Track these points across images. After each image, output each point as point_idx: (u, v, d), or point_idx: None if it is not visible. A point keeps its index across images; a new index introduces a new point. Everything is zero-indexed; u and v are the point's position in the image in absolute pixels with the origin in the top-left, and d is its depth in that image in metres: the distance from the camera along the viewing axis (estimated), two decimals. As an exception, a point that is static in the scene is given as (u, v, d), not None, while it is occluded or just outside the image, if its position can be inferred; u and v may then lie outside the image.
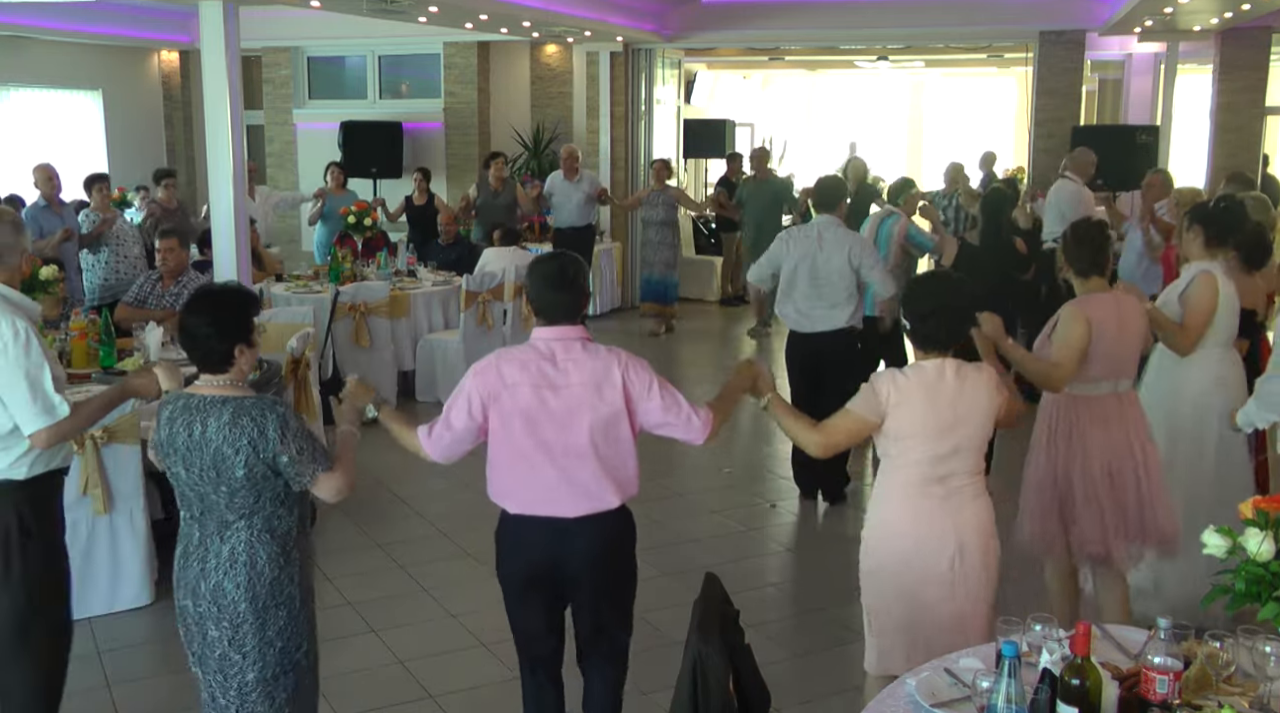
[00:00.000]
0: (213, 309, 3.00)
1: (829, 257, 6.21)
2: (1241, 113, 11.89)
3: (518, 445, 3.28)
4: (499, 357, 3.31)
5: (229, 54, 6.97)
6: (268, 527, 3.00)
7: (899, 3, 12.19)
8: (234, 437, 2.90)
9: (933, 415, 3.27)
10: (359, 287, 8.56)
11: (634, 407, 3.28)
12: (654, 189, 11.34)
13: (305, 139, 13.79)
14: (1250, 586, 2.46)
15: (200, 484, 2.95)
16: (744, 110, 19.01)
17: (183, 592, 3.04)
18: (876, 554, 3.42)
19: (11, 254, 3.40)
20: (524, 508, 3.33)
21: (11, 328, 3.31)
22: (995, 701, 2.30)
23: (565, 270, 3.30)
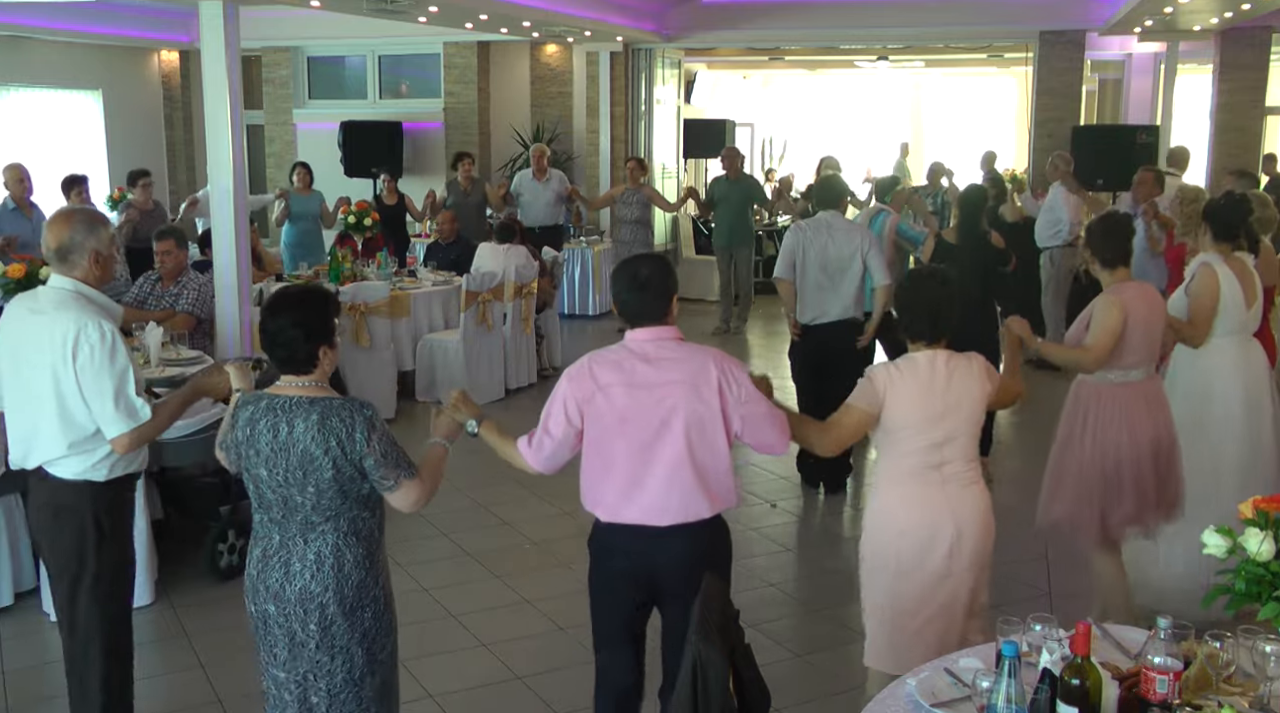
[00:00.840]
0: (298, 310, 2.97)
1: (840, 246, 6.47)
2: (1241, 113, 11.90)
3: (611, 449, 3.18)
4: (591, 359, 3.25)
5: (229, 54, 6.97)
6: (353, 529, 2.98)
7: (899, 3, 12.20)
8: (323, 438, 2.87)
9: (925, 404, 3.37)
10: (359, 287, 8.56)
11: (729, 409, 3.19)
12: (627, 188, 11.31)
13: (305, 139, 13.79)
14: (1250, 586, 2.46)
15: (284, 486, 2.92)
16: (744, 110, 19.01)
17: (263, 596, 2.99)
18: (876, 541, 3.48)
19: (81, 254, 3.37)
20: (615, 516, 3.23)
21: (98, 331, 3.30)
22: (995, 701, 2.30)
23: (639, 274, 3.23)
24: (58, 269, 3.39)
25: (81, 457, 3.36)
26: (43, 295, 3.42)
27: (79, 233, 3.36)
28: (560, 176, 11.58)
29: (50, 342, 3.30)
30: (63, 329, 3.29)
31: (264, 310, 3.02)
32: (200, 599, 5.20)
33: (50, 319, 3.32)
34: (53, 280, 3.40)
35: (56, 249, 3.36)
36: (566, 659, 4.67)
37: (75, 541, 3.40)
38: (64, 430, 3.33)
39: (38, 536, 3.53)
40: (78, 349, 3.28)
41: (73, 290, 3.37)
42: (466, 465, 7.05)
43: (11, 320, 3.46)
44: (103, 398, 3.30)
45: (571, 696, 4.36)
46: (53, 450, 3.36)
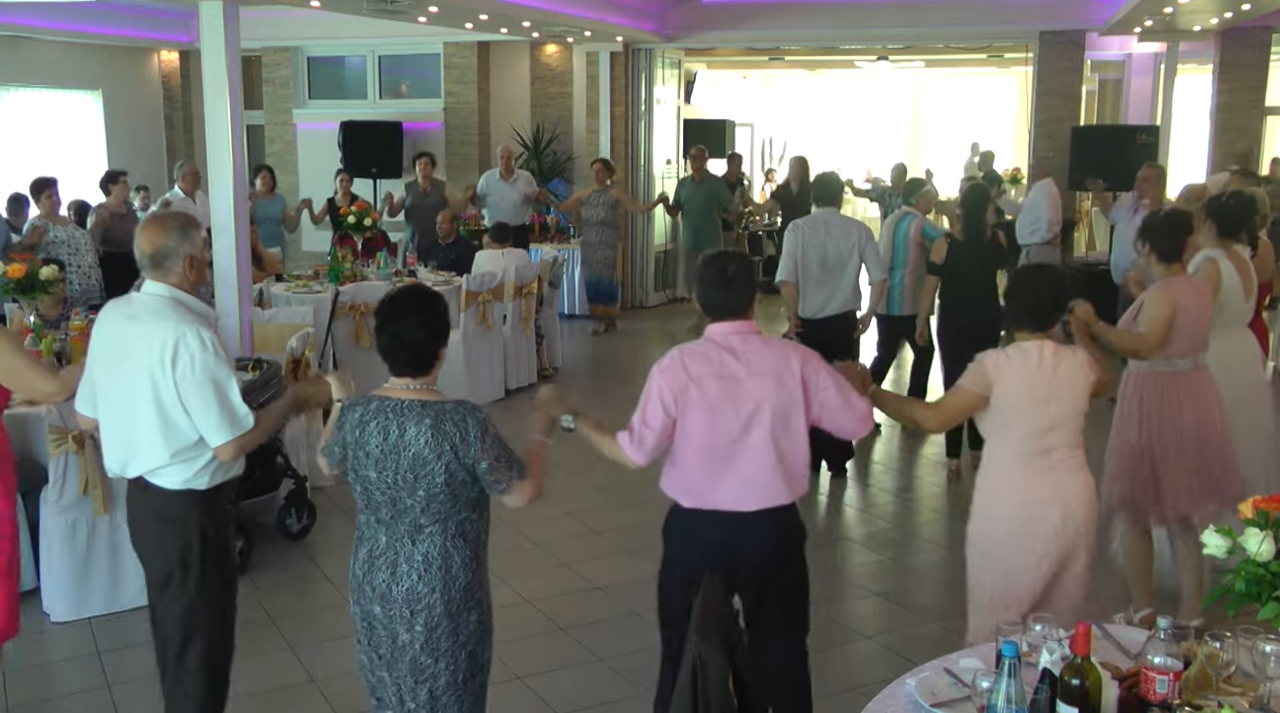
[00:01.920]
0: (425, 311, 2.96)
1: (838, 242, 6.71)
2: (1241, 113, 11.89)
3: (702, 438, 3.29)
4: (681, 352, 3.34)
5: (229, 54, 6.97)
6: (460, 531, 2.97)
7: (899, 3, 12.19)
8: (437, 442, 2.87)
9: (1032, 389, 3.53)
10: (359, 287, 8.56)
11: (810, 397, 3.32)
12: (595, 190, 11.29)
13: (305, 139, 13.80)
14: (1250, 586, 2.46)
15: (394, 488, 2.91)
16: (744, 110, 19.00)
17: (368, 596, 2.99)
18: (985, 523, 3.64)
19: (176, 259, 3.30)
20: (700, 502, 3.33)
21: (198, 338, 3.24)
22: (995, 701, 2.30)
23: (725, 270, 3.33)
24: (152, 276, 3.32)
25: (184, 466, 3.31)
26: (138, 302, 3.36)
27: (173, 238, 3.29)
28: (527, 177, 11.54)
29: (148, 350, 3.23)
30: (161, 338, 3.22)
31: (386, 312, 2.97)
32: (200, 599, 5.20)
33: (148, 328, 3.26)
34: (148, 287, 3.34)
35: (151, 256, 3.29)
36: (566, 659, 4.67)
37: (180, 549, 3.36)
38: (166, 440, 3.27)
39: (139, 544, 3.44)
40: (177, 358, 3.22)
41: (169, 297, 3.31)
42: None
43: (107, 327, 3.39)
44: (205, 407, 3.25)
45: (572, 696, 4.37)
46: (155, 460, 3.30)
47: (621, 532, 6.20)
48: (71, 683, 4.52)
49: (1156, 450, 4.68)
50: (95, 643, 4.78)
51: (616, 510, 6.50)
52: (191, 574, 3.37)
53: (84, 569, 4.97)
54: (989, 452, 3.70)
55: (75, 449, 4.82)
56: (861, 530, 6.26)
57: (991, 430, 3.65)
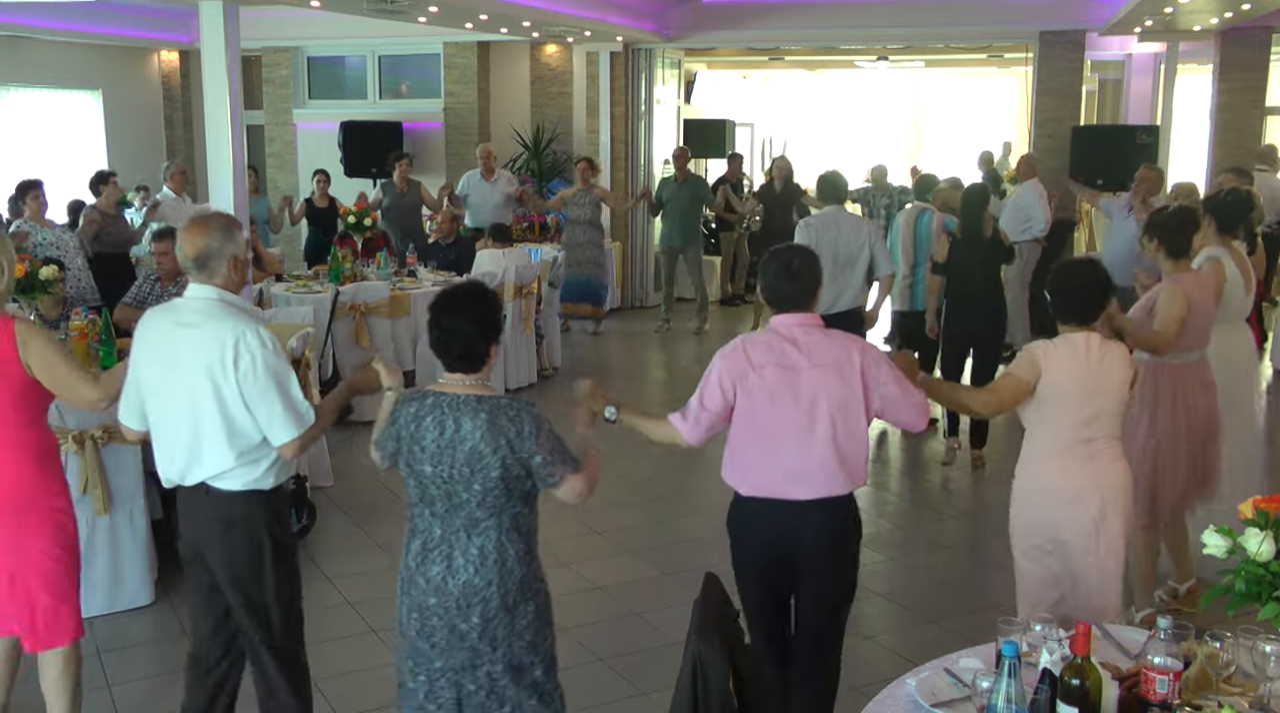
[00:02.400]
0: (476, 308, 3.00)
1: (848, 239, 6.93)
2: (1241, 113, 11.89)
3: (762, 426, 3.37)
4: (744, 341, 3.43)
5: (229, 54, 6.97)
6: (514, 525, 3.02)
7: (899, 3, 12.19)
8: (492, 436, 2.92)
9: (1079, 379, 3.62)
10: (359, 287, 8.56)
11: (870, 390, 3.38)
12: (579, 189, 11.24)
13: (305, 139, 13.79)
14: (1250, 586, 2.46)
15: (449, 482, 2.96)
16: (744, 110, 19.00)
17: (422, 589, 3.02)
18: (1027, 510, 3.74)
19: (221, 261, 3.27)
20: (758, 490, 3.41)
21: (257, 338, 3.23)
22: (995, 701, 2.30)
23: (792, 263, 3.43)
24: (197, 278, 3.29)
25: (249, 467, 3.30)
26: (184, 307, 3.31)
27: (217, 239, 3.26)
28: (509, 177, 11.48)
29: (206, 353, 3.21)
30: (219, 339, 3.20)
31: (439, 309, 3.01)
32: (200, 599, 5.20)
33: (204, 331, 3.23)
34: (193, 290, 3.30)
35: (195, 257, 3.26)
36: (566, 659, 4.65)
37: (251, 552, 3.35)
38: (230, 442, 3.25)
39: (203, 550, 3.38)
40: (239, 358, 3.20)
41: (217, 299, 3.28)
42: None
43: (154, 336, 3.34)
44: (269, 405, 3.23)
45: (572, 696, 4.35)
46: (220, 464, 3.28)
47: (621, 532, 6.20)
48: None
49: (1165, 441, 4.80)
50: (95, 643, 4.78)
51: (616, 511, 6.50)
52: (266, 575, 3.38)
53: (84, 569, 4.89)
54: (1030, 441, 3.78)
55: (75, 449, 4.82)
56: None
57: (1035, 420, 3.72)
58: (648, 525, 6.17)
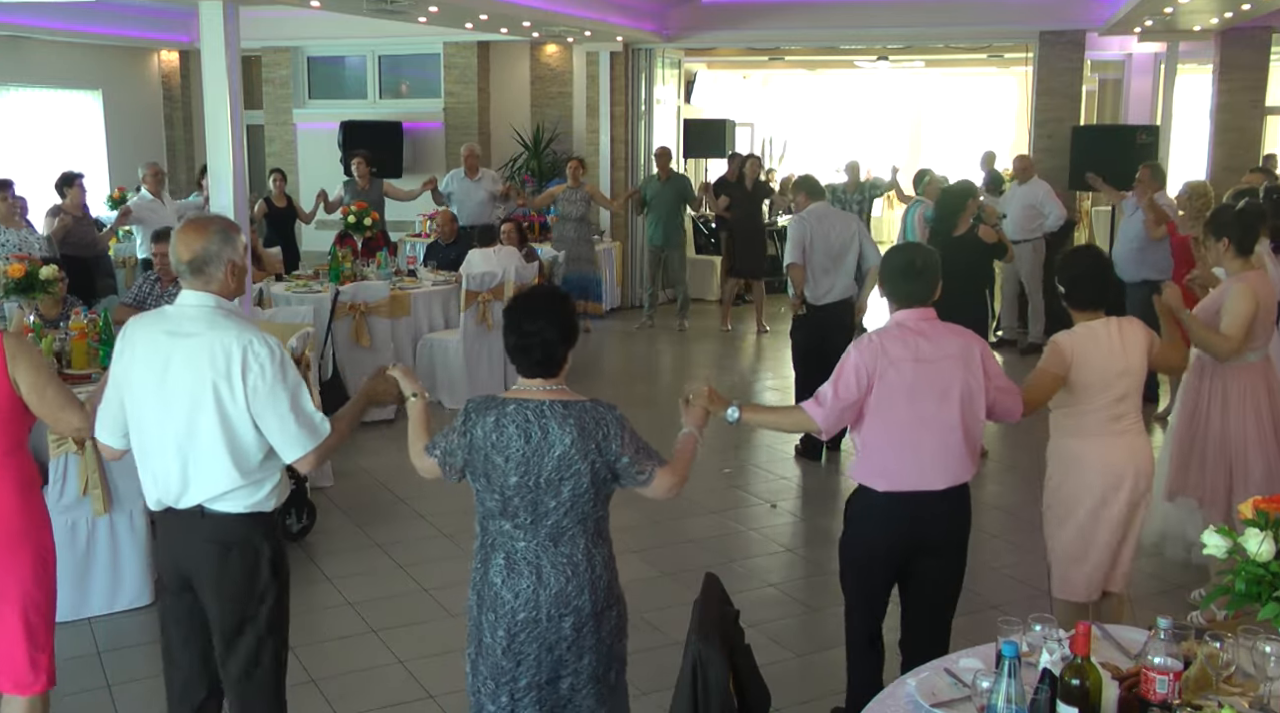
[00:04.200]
0: (553, 313, 2.96)
1: (840, 233, 7.32)
2: (1241, 113, 11.89)
3: (899, 420, 3.47)
4: (879, 335, 3.54)
5: (229, 54, 6.97)
6: (598, 531, 3.00)
7: (899, 3, 12.20)
8: (582, 440, 2.86)
9: (1107, 364, 3.84)
10: (359, 287, 8.56)
11: (989, 381, 3.55)
12: (568, 187, 11.23)
13: (305, 139, 13.80)
14: (1250, 586, 2.46)
15: (536, 490, 2.87)
16: (744, 110, 18.99)
17: (511, 606, 2.92)
18: (1067, 488, 3.95)
19: (218, 266, 3.04)
20: (896, 484, 3.51)
21: (265, 346, 3.01)
22: (995, 701, 2.30)
23: (914, 262, 3.58)
24: (190, 284, 3.05)
25: (253, 488, 3.07)
26: (176, 316, 3.07)
27: (215, 243, 3.03)
28: (493, 176, 11.44)
29: (211, 364, 2.98)
30: (224, 349, 2.98)
31: (517, 314, 2.96)
32: (200, 599, 5.20)
33: (203, 341, 2.99)
34: (188, 297, 3.06)
35: (190, 262, 3.02)
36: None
37: (249, 577, 3.11)
38: (234, 460, 3.03)
39: (193, 577, 3.12)
40: (246, 369, 2.97)
41: (214, 306, 3.05)
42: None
43: (142, 347, 3.08)
44: (281, 418, 3.02)
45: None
46: (221, 484, 3.04)
47: (621, 532, 6.14)
48: (71, 683, 4.51)
49: (1237, 444, 4.83)
50: (95, 643, 4.78)
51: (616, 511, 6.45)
52: (266, 602, 3.16)
53: (84, 569, 4.97)
54: (1062, 423, 3.98)
55: (75, 449, 4.82)
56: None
57: (1067, 405, 3.92)
58: (648, 526, 6.16)
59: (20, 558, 3.23)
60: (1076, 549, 3.96)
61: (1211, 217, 5.02)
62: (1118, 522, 3.93)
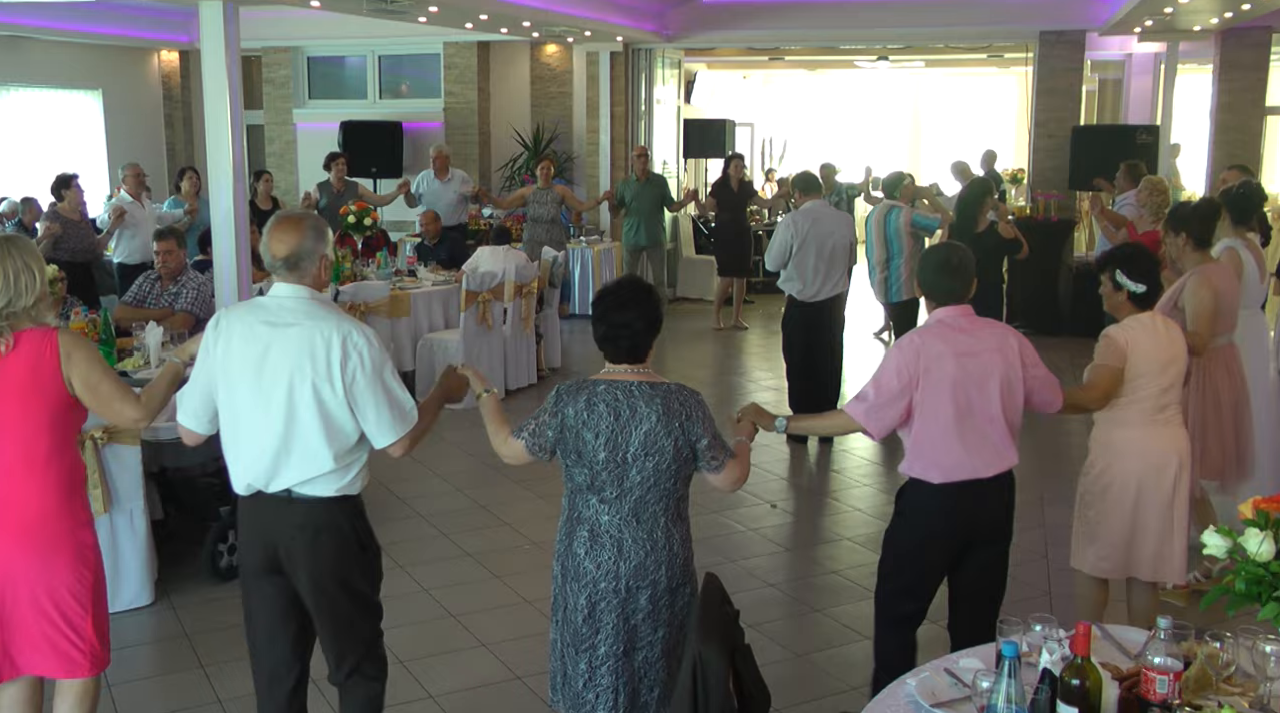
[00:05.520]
0: (644, 305, 3.13)
1: (832, 231, 7.39)
2: (1241, 113, 11.89)
3: (946, 414, 3.58)
4: (920, 334, 3.67)
5: (229, 54, 6.97)
6: (678, 510, 3.16)
7: (899, 3, 12.20)
8: (668, 420, 3.05)
9: (1157, 355, 4.04)
10: (359, 287, 8.56)
11: (1026, 371, 3.67)
12: (539, 188, 11.19)
13: (305, 139, 13.80)
14: (1250, 586, 2.46)
15: (621, 466, 3.05)
16: (744, 110, 18.99)
17: (591, 575, 3.09)
18: (1115, 469, 4.11)
19: (312, 261, 3.20)
20: (951, 475, 3.61)
21: (363, 337, 3.16)
22: (995, 701, 2.30)
23: (950, 260, 3.70)
24: (285, 278, 3.19)
25: (342, 472, 3.20)
26: (273, 307, 3.19)
27: (309, 240, 3.18)
28: (463, 177, 11.37)
29: (311, 353, 3.11)
30: (324, 339, 3.11)
31: (605, 307, 3.14)
32: (200, 599, 5.20)
33: (302, 330, 3.12)
34: (282, 290, 3.20)
35: (286, 258, 3.16)
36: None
37: (338, 559, 3.24)
38: (330, 445, 3.15)
39: (283, 559, 3.23)
40: (345, 358, 3.11)
41: (310, 298, 3.20)
42: (466, 466, 7.05)
43: (241, 337, 3.19)
44: (378, 405, 3.16)
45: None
46: (316, 467, 3.16)
47: (621, 532, 6.19)
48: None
49: (1195, 425, 4.96)
50: (95, 643, 4.77)
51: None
52: (355, 583, 3.28)
53: (84, 569, 4.96)
54: (1109, 413, 4.13)
55: (75, 449, 4.81)
56: (862, 531, 6.26)
57: (1118, 394, 4.07)
58: (648, 526, 6.16)
59: (60, 554, 3.27)
60: (1122, 534, 4.10)
61: (1171, 213, 5.25)
62: (1164, 507, 4.09)
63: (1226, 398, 5.10)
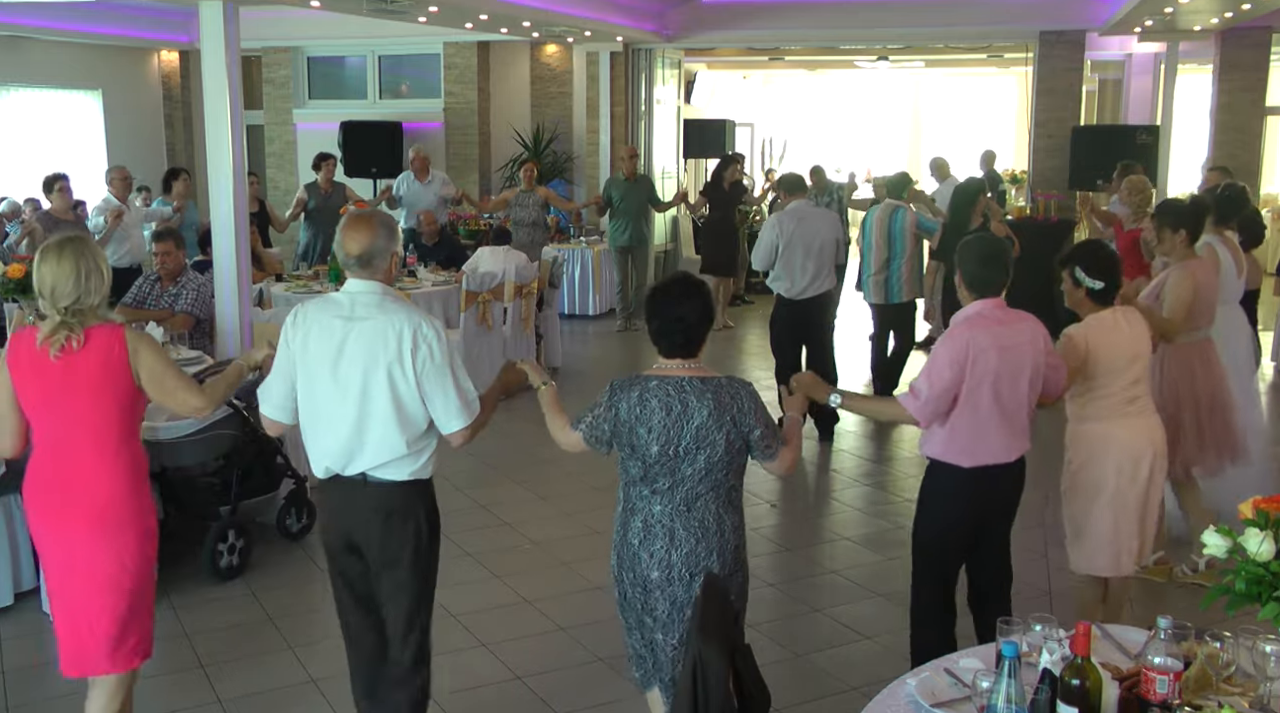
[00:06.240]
0: (694, 300, 3.23)
1: (818, 230, 7.52)
2: (1241, 113, 11.90)
3: (986, 404, 3.71)
4: (965, 327, 3.76)
5: (229, 54, 6.96)
6: (729, 499, 3.23)
7: (899, 3, 12.20)
8: (719, 413, 3.12)
9: (1121, 351, 4.14)
10: (359, 287, 8.53)
11: (1048, 362, 3.84)
12: (523, 190, 11.13)
13: (305, 139, 13.79)
14: (1250, 586, 2.46)
15: (674, 460, 3.13)
16: (744, 110, 19.00)
17: (645, 564, 3.18)
18: (1089, 468, 4.21)
19: (383, 258, 3.37)
20: (979, 460, 3.77)
21: (432, 328, 3.34)
22: (995, 701, 2.30)
23: (993, 252, 3.82)
24: (358, 273, 3.36)
25: (414, 456, 3.39)
26: (347, 302, 3.37)
27: (381, 239, 3.34)
28: (443, 178, 11.32)
29: (385, 343, 3.29)
30: (397, 330, 3.29)
31: (659, 302, 3.23)
32: (200, 599, 5.21)
33: (377, 323, 3.31)
34: (356, 285, 3.37)
35: (359, 255, 3.33)
36: (566, 659, 4.67)
37: (407, 542, 3.42)
38: (402, 431, 3.33)
39: (358, 539, 3.43)
40: (416, 348, 3.29)
41: (382, 292, 3.37)
42: (466, 466, 7.05)
43: (318, 330, 3.36)
44: (445, 394, 3.34)
45: (572, 695, 4.37)
46: (390, 452, 3.34)
47: (621, 532, 6.19)
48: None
49: (1173, 412, 5.09)
50: (95, 643, 4.77)
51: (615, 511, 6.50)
52: (420, 566, 3.46)
53: (84, 569, 4.96)
54: (1082, 410, 4.24)
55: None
56: (861, 531, 6.26)
57: (1087, 391, 4.18)
58: (648, 526, 6.16)
59: (126, 541, 3.43)
60: (1105, 527, 4.18)
61: (1169, 211, 5.34)
62: (1142, 497, 4.19)
63: (1203, 389, 5.23)
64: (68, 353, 3.32)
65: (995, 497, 3.88)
